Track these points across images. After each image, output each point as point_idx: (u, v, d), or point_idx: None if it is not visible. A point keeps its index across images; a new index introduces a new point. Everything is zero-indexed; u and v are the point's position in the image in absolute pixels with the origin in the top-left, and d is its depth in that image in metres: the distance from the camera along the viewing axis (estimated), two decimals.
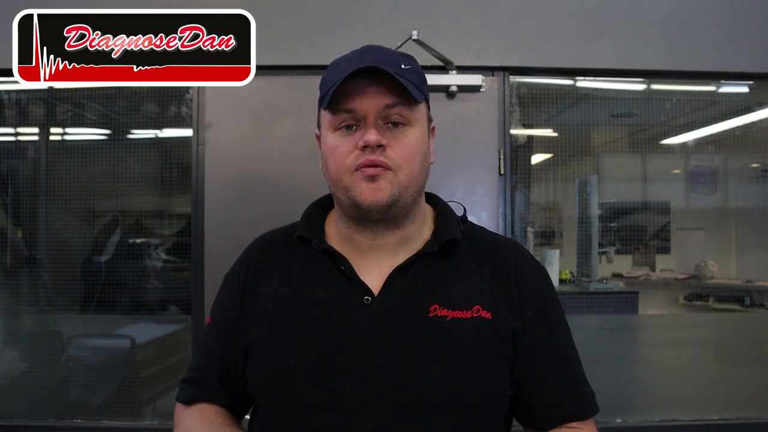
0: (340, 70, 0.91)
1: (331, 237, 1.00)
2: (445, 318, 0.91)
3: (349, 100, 0.89)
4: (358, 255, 0.96)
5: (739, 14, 2.22)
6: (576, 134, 2.56)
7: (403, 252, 0.96)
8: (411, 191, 0.92)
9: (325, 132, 0.95)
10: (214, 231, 2.11)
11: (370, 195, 0.89)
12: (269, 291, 0.98)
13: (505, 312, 0.94)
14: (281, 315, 0.94)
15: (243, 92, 2.03)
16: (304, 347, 0.91)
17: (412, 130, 0.92)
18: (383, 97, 0.89)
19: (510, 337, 0.93)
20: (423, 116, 0.95)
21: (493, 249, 1.01)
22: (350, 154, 0.90)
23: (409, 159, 0.91)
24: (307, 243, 0.98)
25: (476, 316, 0.92)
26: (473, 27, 2.15)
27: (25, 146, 2.48)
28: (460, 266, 0.97)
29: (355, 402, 0.87)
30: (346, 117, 0.91)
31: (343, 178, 0.91)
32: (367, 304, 0.92)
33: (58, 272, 2.43)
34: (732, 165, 2.70)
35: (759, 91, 2.44)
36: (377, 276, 0.94)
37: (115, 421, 2.17)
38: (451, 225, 0.99)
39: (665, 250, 2.98)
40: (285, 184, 2.10)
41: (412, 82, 0.91)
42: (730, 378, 2.34)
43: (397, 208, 0.92)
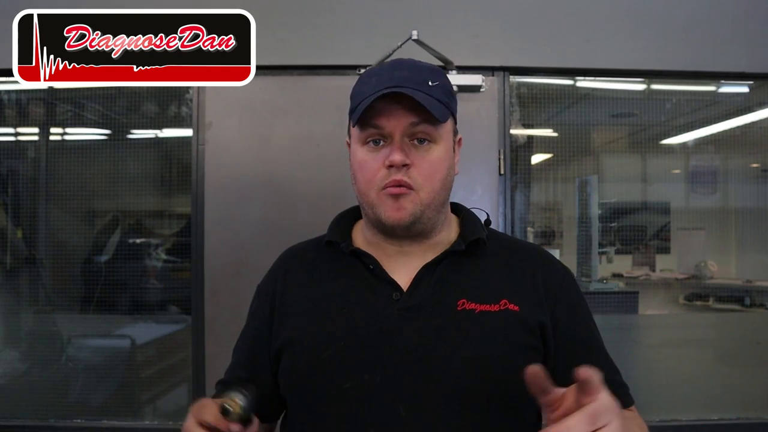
0: (369, 86, 0.95)
1: (359, 242, 1.04)
2: (473, 311, 0.94)
3: (377, 117, 0.93)
4: (385, 257, 1.00)
5: (739, 14, 2.22)
6: (576, 134, 2.56)
7: (431, 254, 0.99)
8: (433, 207, 0.97)
9: (355, 145, 0.99)
10: (214, 231, 2.11)
11: (393, 213, 0.94)
12: (300, 292, 1.02)
13: (532, 306, 0.96)
14: (312, 313, 0.98)
15: (243, 92, 2.03)
16: (336, 341, 0.94)
17: (436, 147, 0.96)
18: (408, 116, 0.93)
19: (538, 329, 0.96)
20: (448, 132, 0.99)
21: (518, 251, 1.05)
22: (378, 172, 0.94)
23: (432, 177, 0.95)
24: (335, 248, 1.02)
25: (504, 309, 0.95)
26: (473, 27, 2.15)
27: (25, 146, 2.48)
28: (486, 264, 1.00)
29: (388, 391, 0.90)
30: (373, 132, 0.95)
31: (370, 194, 0.96)
32: (396, 299, 0.95)
33: (58, 272, 2.43)
34: (732, 165, 2.70)
35: (759, 91, 2.44)
36: (405, 275, 0.98)
37: (115, 421, 2.17)
38: (476, 226, 1.03)
39: (665, 250, 2.98)
40: (285, 184, 2.11)
41: (439, 99, 0.95)
42: (730, 378, 2.34)
43: (421, 224, 0.96)
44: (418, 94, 0.92)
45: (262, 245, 2.07)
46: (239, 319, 1.10)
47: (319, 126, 2.11)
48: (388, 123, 0.93)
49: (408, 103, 0.92)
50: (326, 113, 2.10)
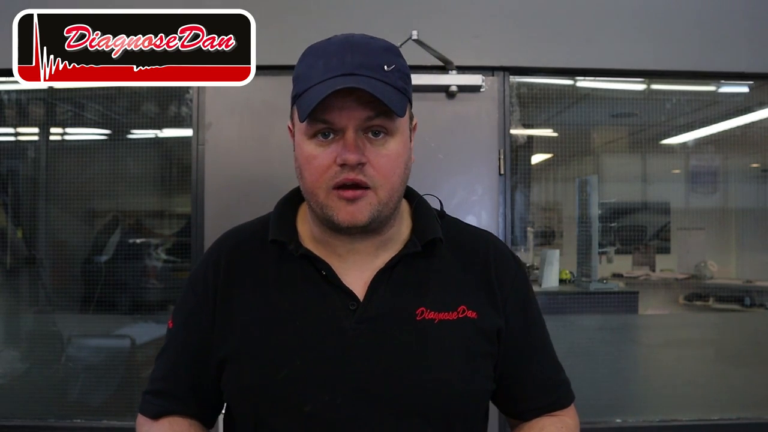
0: (316, 71, 0.85)
1: (305, 237, 0.95)
2: (432, 321, 0.90)
3: (327, 111, 0.83)
4: (335, 258, 0.92)
5: (739, 14, 2.22)
6: (576, 134, 2.56)
7: (384, 254, 0.93)
8: (391, 205, 0.89)
9: (300, 136, 0.88)
10: (214, 231, 2.11)
11: (347, 216, 0.85)
12: (245, 297, 0.92)
13: (489, 310, 0.94)
14: (262, 324, 0.90)
15: (243, 92, 2.03)
16: (292, 359, 0.87)
17: (392, 139, 0.87)
18: (363, 110, 0.83)
19: (495, 335, 0.94)
20: (404, 122, 0.90)
21: (472, 244, 1.00)
22: (328, 169, 0.85)
23: (390, 173, 0.87)
24: (281, 246, 0.93)
25: (462, 316, 0.91)
26: (473, 27, 2.15)
27: (25, 146, 2.48)
28: (442, 265, 0.95)
29: (350, 413, 0.85)
30: (323, 127, 0.85)
31: (319, 194, 0.86)
32: (353, 309, 0.89)
33: (58, 272, 2.43)
34: (732, 165, 2.70)
35: (759, 91, 2.44)
36: (359, 279, 0.91)
37: (115, 421, 2.17)
38: (431, 223, 0.95)
39: (665, 250, 2.98)
40: (285, 184, 2.09)
41: (396, 87, 0.86)
42: (730, 378, 2.34)
43: (377, 222, 0.89)
44: (376, 84, 0.82)
45: None
46: None
47: None
48: (341, 118, 0.83)
49: (362, 96, 0.82)
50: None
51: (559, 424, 0.98)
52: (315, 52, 0.89)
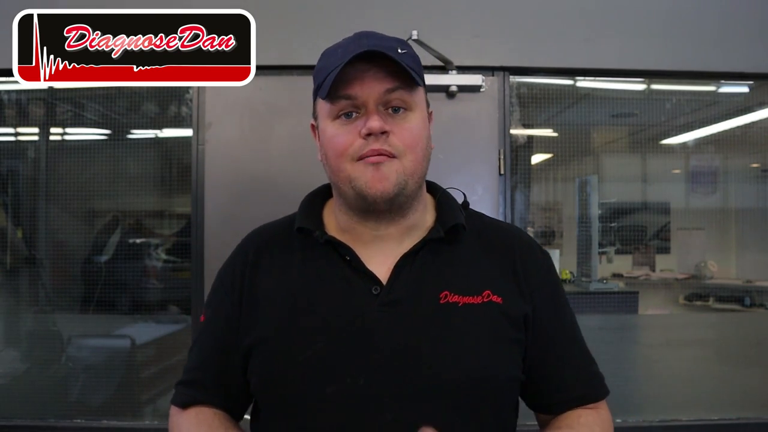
0: (336, 57, 0.88)
1: (331, 228, 0.97)
2: (456, 304, 0.89)
3: (348, 86, 0.87)
4: (360, 245, 0.93)
5: (739, 14, 2.22)
6: (576, 134, 2.56)
7: (408, 240, 0.94)
8: (416, 178, 0.90)
9: (324, 121, 0.92)
10: (214, 231, 2.11)
11: (375, 184, 0.87)
12: (270, 286, 0.94)
13: (515, 296, 0.93)
14: (286, 310, 0.91)
15: (243, 92, 2.03)
16: (314, 342, 0.88)
17: (413, 114, 0.90)
18: (383, 82, 0.87)
19: (521, 321, 0.92)
20: (422, 100, 0.94)
21: (496, 234, 1.00)
22: (352, 143, 0.88)
23: (413, 144, 0.89)
24: (306, 235, 0.95)
25: (487, 301, 0.91)
26: (473, 27, 2.15)
27: (25, 146, 2.48)
28: (466, 251, 0.95)
29: (372, 395, 0.85)
30: (345, 104, 0.88)
31: (345, 167, 0.89)
32: (375, 294, 0.90)
33: (58, 272, 2.43)
34: (732, 165, 2.70)
35: (759, 91, 2.44)
36: (383, 265, 0.92)
37: (115, 421, 2.17)
38: (454, 211, 0.97)
39: (665, 250, 2.98)
40: (285, 183, 2.10)
41: (410, 67, 0.89)
42: (730, 378, 2.34)
43: (403, 196, 0.90)
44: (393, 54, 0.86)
45: None
46: None
47: None
48: (362, 90, 0.87)
49: (382, 69, 0.87)
50: None
51: (595, 416, 0.95)
52: (332, 48, 0.94)
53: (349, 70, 0.86)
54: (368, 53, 0.86)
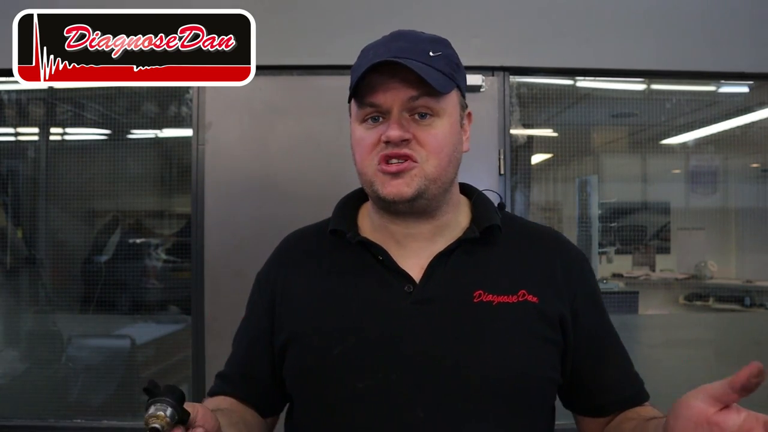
0: (366, 60, 0.88)
1: (365, 230, 0.98)
2: (491, 303, 0.89)
3: (373, 94, 0.87)
4: (393, 244, 0.94)
5: (739, 14, 2.22)
6: (576, 134, 2.56)
7: (441, 240, 0.94)
8: (439, 183, 0.90)
9: (353, 123, 0.93)
10: (214, 231, 2.11)
11: (393, 189, 0.87)
12: (304, 284, 0.96)
13: (551, 297, 0.91)
14: (320, 307, 0.92)
15: (243, 92, 2.03)
16: (347, 337, 0.88)
17: (440, 120, 0.89)
18: (407, 90, 0.86)
19: (557, 322, 0.91)
20: (453, 105, 0.92)
21: (534, 236, 0.99)
22: (374, 147, 0.88)
23: (437, 151, 0.88)
24: (340, 236, 0.95)
25: (522, 300, 0.89)
26: (473, 27, 2.15)
27: (25, 146, 2.48)
28: (501, 252, 0.94)
29: (404, 391, 0.85)
30: (370, 110, 0.89)
31: (367, 171, 0.90)
32: (408, 292, 0.89)
33: (58, 272, 2.43)
34: (732, 165, 2.70)
35: (759, 91, 2.44)
36: (416, 264, 0.92)
37: (115, 421, 2.17)
38: (490, 212, 0.96)
39: (665, 250, 2.98)
40: (285, 183, 2.10)
41: (442, 71, 0.88)
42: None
43: (425, 200, 0.89)
44: (415, 64, 0.85)
45: (262, 245, 2.06)
46: (239, 319, 1.08)
47: (319, 126, 2.11)
48: (385, 98, 0.87)
49: (406, 76, 0.85)
50: (326, 113, 2.10)
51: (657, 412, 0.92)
52: (368, 47, 0.94)
53: (375, 76, 0.86)
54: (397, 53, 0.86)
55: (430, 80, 0.85)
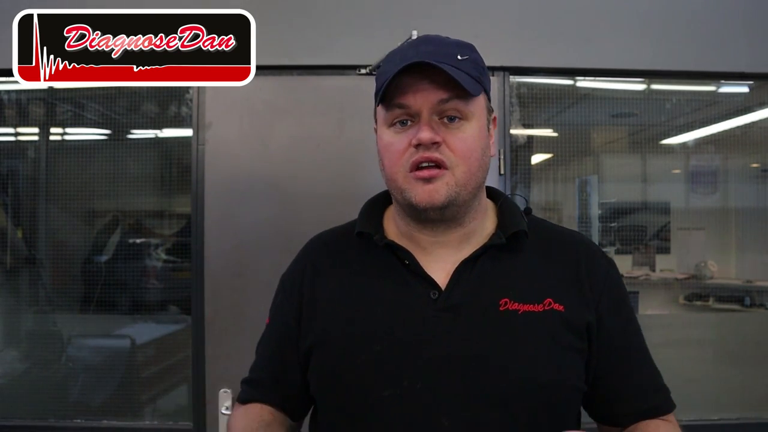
0: (393, 64, 0.87)
1: (391, 233, 0.97)
2: (516, 312, 0.88)
3: (402, 95, 0.86)
4: (420, 250, 0.93)
5: (739, 14, 2.22)
6: (576, 134, 2.56)
7: (467, 247, 0.93)
8: (470, 189, 0.89)
9: (381, 128, 0.92)
10: (214, 231, 2.11)
11: (425, 196, 0.86)
12: (330, 288, 0.95)
13: (577, 305, 0.91)
14: (345, 311, 0.92)
15: (243, 92, 2.03)
16: (373, 343, 0.88)
17: (469, 124, 0.88)
18: (437, 92, 0.86)
19: (584, 330, 0.90)
20: (481, 108, 0.92)
21: (560, 241, 0.98)
22: (404, 152, 0.87)
23: (467, 155, 0.88)
24: (366, 239, 0.95)
25: (548, 309, 0.89)
26: (473, 27, 2.15)
27: (25, 146, 2.48)
28: (528, 259, 0.93)
29: (429, 400, 0.84)
30: (399, 113, 0.88)
31: (398, 178, 0.89)
32: (434, 299, 0.89)
33: (58, 272, 2.43)
34: (732, 165, 2.70)
35: (759, 91, 2.44)
36: (442, 270, 0.91)
37: (115, 421, 2.17)
38: (516, 217, 0.95)
39: (665, 250, 2.97)
40: (285, 183, 2.10)
41: (470, 74, 0.87)
42: (730, 378, 2.34)
43: (455, 207, 0.89)
44: (446, 66, 0.84)
45: (262, 245, 2.07)
46: (239, 319, 1.08)
47: (319, 126, 2.11)
48: (415, 101, 0.86)
49: (436, 79, 0.85)
50: (326, 113, 2.10)
51: (671, 427, 0.94)
52: (394, 51, 0.93)
53: (405, 78, 0.85)
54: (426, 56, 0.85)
55: (461, 82, 0.84)
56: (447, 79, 0.85)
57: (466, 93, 0.86)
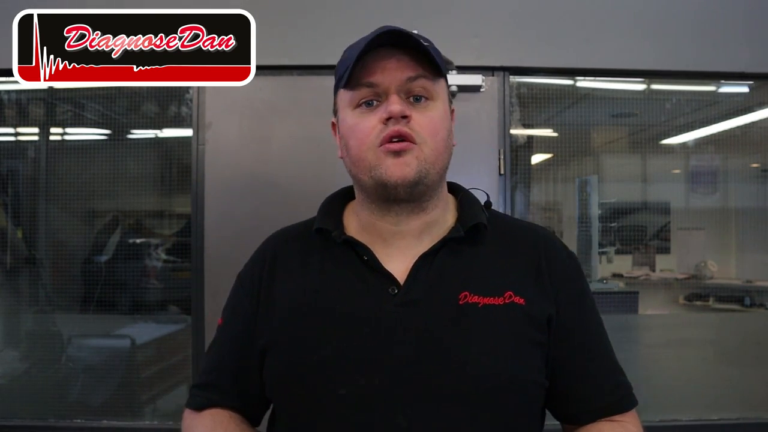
0: (356, 49, 0.87)
1: (351, 228, 0.96)
2: (476, 305, 0.86)
3: (370, 73, 0.86)
4: (380, 243, 0.92)
5: (739, 14, 2.22)
6: (576, 134, 2.56)
7: (428, 239, 0.92)
8: (437, 168, 0.89)
9: (344, 111, 0.91)
10: (214, 231, 2.11)
11: (396, 170, 0.85)
12: (287, 286, 0.93)
13: (538, 297, 0.89)
14: (301, 309, 0.90)
15: (243, 92, 2.03)
16: (329, 341, 0.86)
17: (434, 104, 0.89)
18: (405, 70, 0.86)
19: (545, 323, 0.89)
20: (444, 92, 0.93)
21: (520, 234, 0.97)
22: (373, 129, 0.86)
23: (434, 133, 0.88)
24: (325, 235, 0.93)
25: (509, 302, 0.87)
26: (473, 27, 2.15)
27: (25, 146, 2.48)
28: (488, 252, 0.92)
29: (386, 398, 0.82)
30: (366, 92, 0.87)
31: (367, 156, 0.87)
32: (392, 294, 0.87)
33: (58, 272, 2.43)
34: (732, 165, 2.70)
35: (759, 91, 2.44)
36: (401, 264, 0.90)
37: (115, 421, 2.17)
38: (475, 210, 0.95)
39: (665, 250, 2.98)
40: (285, 184, 2.10)
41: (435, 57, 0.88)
42: (730, 378, 2.34)
43: (423, 185, 0.88)
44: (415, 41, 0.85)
45: None
46: None
47: (319, 126, 2.10)
48: (383, 78, 0.85)
49: (402, 58, 0.86)
50: (326, 113, 2.08)
51: (620, 430, 0.91)
52: (354, 43, 0.92)
53: (371, 58, 0.85)
54: (392, 35, 0.85)
55: (434, 55, 0.85)
56: (414, 57, 0.86)
57: (433, 72, 0.87)
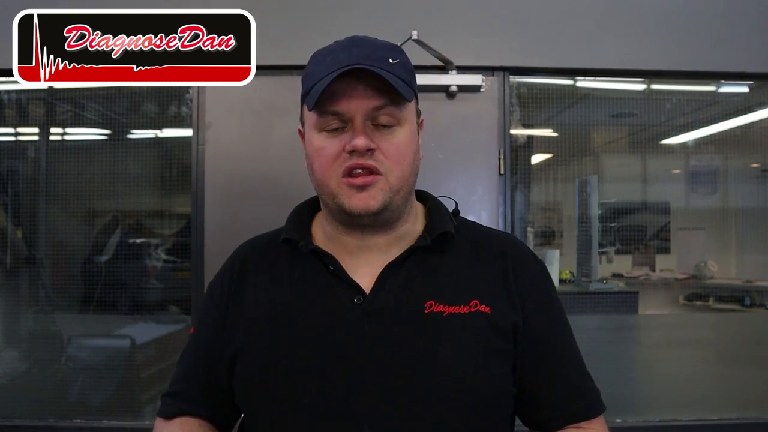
0: (324, 66, 0.86)
1: (318, 238, 0.96)
2: (441, 314, 0.87)
3: (336, 102, 0.85)
4: (346, 254, 0.92)
5: (739, 14, 2.22)
6: (576, 134, 2.56)
7: (395, 250, 0.92)
8: (402, 194, 0.89)
9: (310, 131, 0.90)
10: (214, 231, 2.11)
11: (359, 203, 0.85)
12: (255, 295, 0.94)
13: (504, 306, 0.90)
14: (268, 319, 0.90)
15: (243, 92, 2.02)
16: (294, 350, 0.87)
17: (401, 129, 0.88)
18: (371, 99, 0.85)
19: (510, 331, 0.89)
20: (412, 113, 0.92)
21: (487, 242, 0.97)
22: (337, 157, 0.86)
23: (400, 161, 0.87)
24: (293, 245, 0.94)
25: (474, 310, 0.88)
26: (473, 27, 2.15)
27: (25, 146, 2.48)
28: (454, 260, 0.92)
29: (350, 406, 0.83)
30: (332, 119, 0.86)
31: (329, 183, 0.87)
32: (358, 303, 0.88)
33: (58, 272, 2.43)
34: (732, 165, 2.70)
35: (759, 91, 2.44)
36: (368, 274, 0.90)
37: (115, 421, 2.17)
38: (443, 219, 0.94)
39: (665, 250, 2.98)
40: (285, 184, 2.10)
41: (401, 78, 0.86)
42: (730, 378, 2.34)
43: (389, 212, 0.88)
44: (382, 72, 0.83)
45: None
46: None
47: None
48: (349, 107, 0.84)
49: (370, 83, 0.84)
50: None
51: None
52: (322, 52, 0.92)
53: (337, 84, 0.83)
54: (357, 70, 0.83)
55: (398, 87, 0.83)
56: (380, 84, 0.84)
57: (399, 99, 0.85)
